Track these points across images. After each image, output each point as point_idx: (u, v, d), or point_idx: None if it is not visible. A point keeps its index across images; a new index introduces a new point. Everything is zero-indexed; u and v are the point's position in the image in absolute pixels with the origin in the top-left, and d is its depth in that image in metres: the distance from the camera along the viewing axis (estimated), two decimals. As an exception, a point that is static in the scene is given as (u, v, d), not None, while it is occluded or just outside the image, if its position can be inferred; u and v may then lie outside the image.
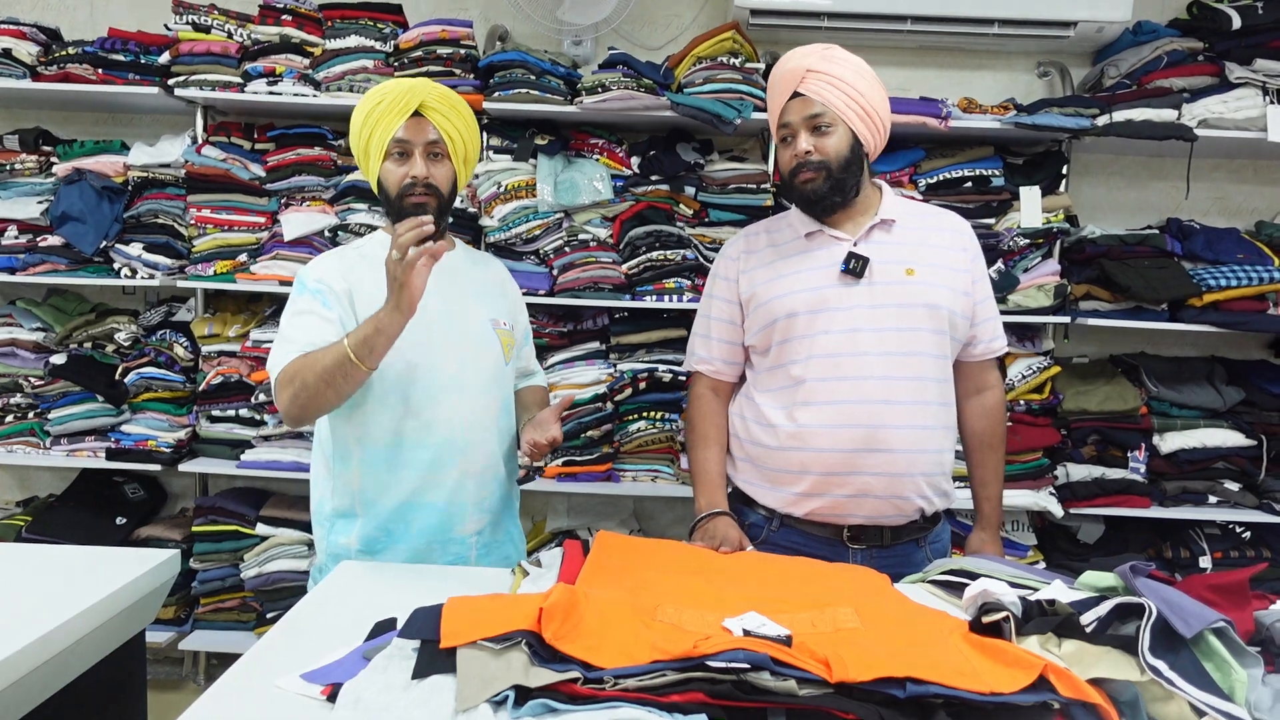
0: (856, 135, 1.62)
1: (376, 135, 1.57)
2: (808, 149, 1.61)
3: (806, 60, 1.61)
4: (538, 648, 0.94)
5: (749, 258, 1.76)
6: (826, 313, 1.63)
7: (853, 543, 1.64)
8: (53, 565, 1.38)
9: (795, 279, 1.67)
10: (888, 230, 1.68)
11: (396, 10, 2.74)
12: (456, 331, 1.64)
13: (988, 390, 1.80)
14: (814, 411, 1.61)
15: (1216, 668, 0.94)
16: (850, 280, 1.63)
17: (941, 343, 1.65)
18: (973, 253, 1.73)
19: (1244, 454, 2.70)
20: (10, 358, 2.85)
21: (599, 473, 2.75)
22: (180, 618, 2.85)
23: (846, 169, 1.62)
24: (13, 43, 2.69)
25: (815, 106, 1.60)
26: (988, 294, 1.74)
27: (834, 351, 1.62)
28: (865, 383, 1.60)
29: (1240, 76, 2.62)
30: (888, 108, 1.66)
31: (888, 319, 1.61)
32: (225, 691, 0.98)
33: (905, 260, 1.65)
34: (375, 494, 1.59)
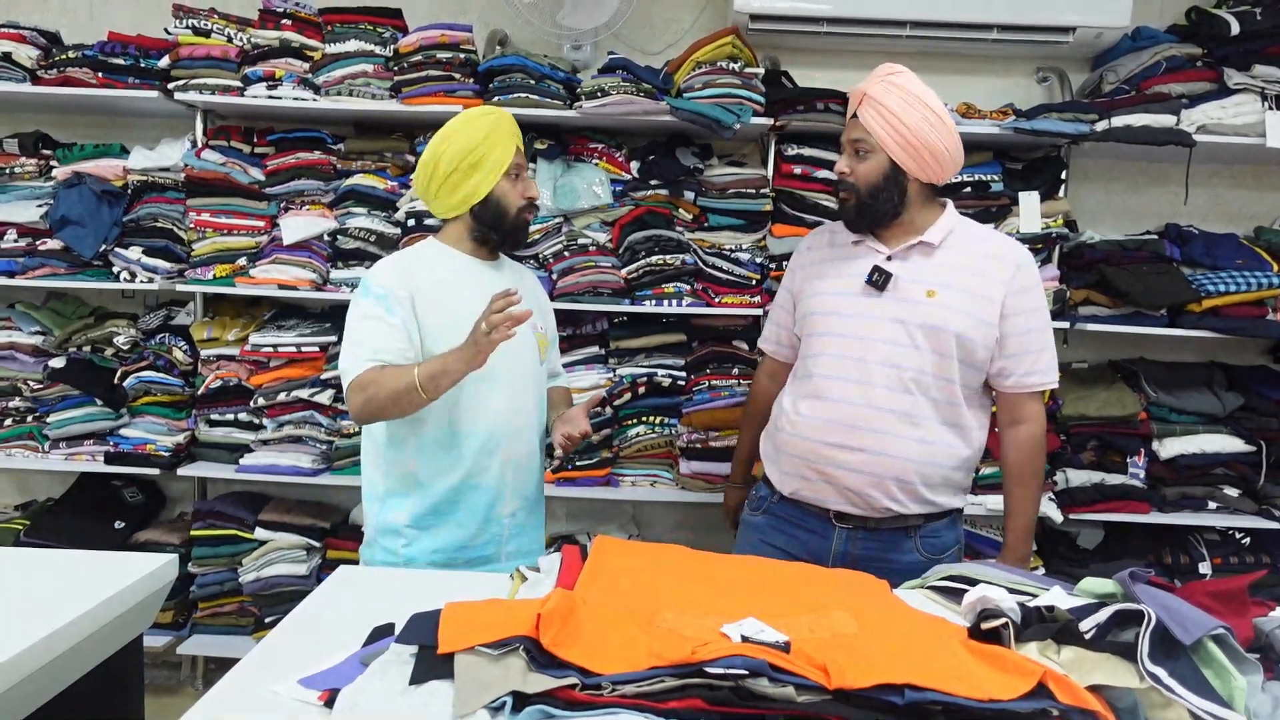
0: (896, 162, 1.70)
1: (496, 154, 1.72)
2: (844, 170, 1.76)
3: (868, 85, 1.72)
4: (535, 653, 0.94)
5: (809, 253, 1.93)
6: (839, 317, 1.76)
7: (839, 522, 1.77)
8: (51, 569, 1.38)
9: (829, 281, 1.82)
10: (927, 251, 1.75)
11: (396, 15, 2.74)
12: None
13: (1023, 424, 1.79)
14: (810, 404, 1.77)
15: (1216, 675, 0.93)
16: (872, 292, 1.74)
17: (945, 365, 1.69)
18: (1016, 285, 1.71)
19: (1243, 460, 2.71)
20: (9, 361, 2.85)
21: (598, 477, 2.75)
22: (178, 622, 2.85)
23: (876, 194, 1.72)
24: (13, 46, 2.70)
25: (859, 131, 1.73)
26: (1030, 328, 1.73)
27: (840, 353, 1.74)
28: (856, 386, 1.71)
29: (1239, 82, 2.63)
30: (943, 138, 1.69)
31: (895, 334, 1.70)
32: (223, 696, 0.97)
33: (932, 282, 1.71)
34: (429, 476, 1.73)
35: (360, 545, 1.85)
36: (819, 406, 1.75)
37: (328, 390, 2.71)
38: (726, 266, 2.70)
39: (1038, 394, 1.78)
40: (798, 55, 2.94)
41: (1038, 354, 1.74)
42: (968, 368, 1.71)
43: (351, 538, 2.81)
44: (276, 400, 2.71)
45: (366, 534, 1.81)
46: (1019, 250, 1.77)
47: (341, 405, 2.75)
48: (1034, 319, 1.73)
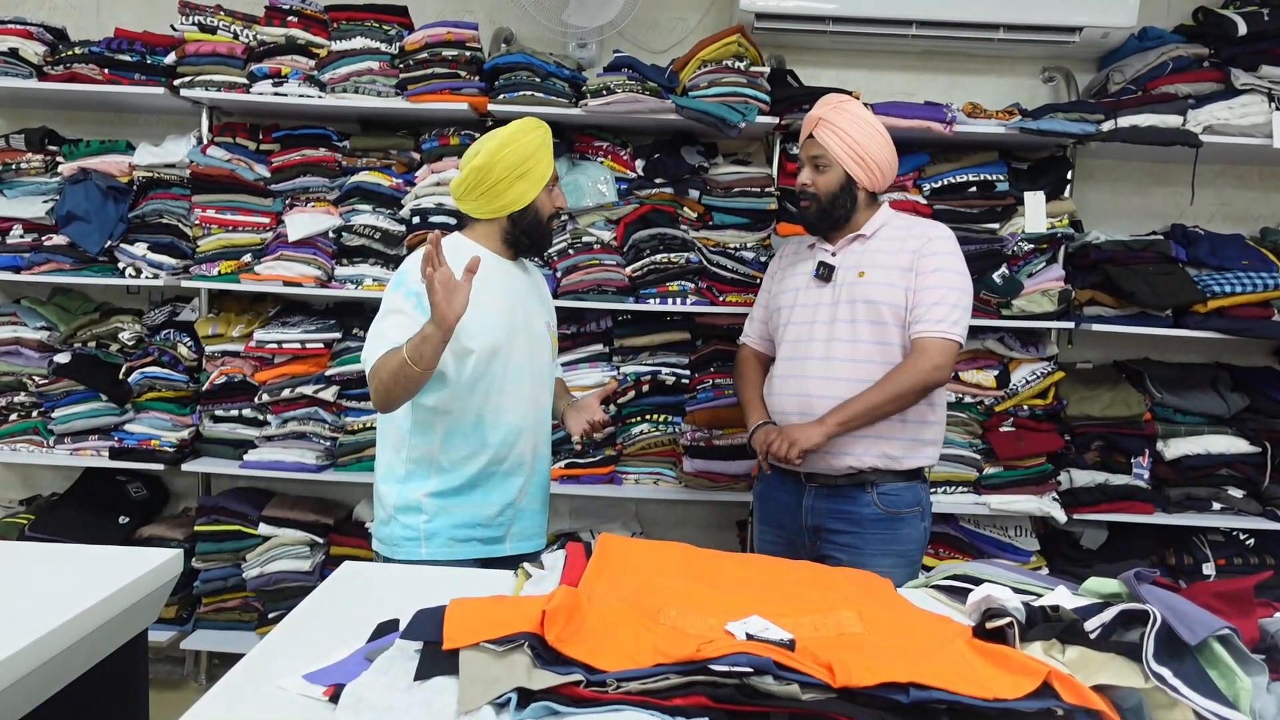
0: (850, 174, 1.99)
1: (542, 167, 1.84)
2: (805, 182, 2.03)
3: (822, 111, 2.00)
4: (540, 650, 0.94)
5: (780, 260, 2.24)
6: (798, 308, 2.08)
7: (808, 481, 2.03)
8: (55, 564, 1.38)
9: (789, 280, 2.14)
10: (862, 242, 2.04)
11: (402, 12, 2.74)
12: (525, 330, 1.90)
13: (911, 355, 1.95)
14: (777, 382, 2.08)
15: (1221, 675, 0.93)
16: (819, 284, 2.05)
17: (882, 331, 1.96)
18: (924, 251, 1.96)
19: (1248, 461, 2.70)
20: (14, 356, 2.85)
21: (601, 475, 2.75)
22: (182, 617, 2.86)
23: (834, 202, 2.01)
24: (19, 42, 2.70)
25: (817, 148, 2.00)
26: (928, 284, 1.94)
27: (796, 338, 2.06)
28: (809, 362, 2.01)
29: (1246, 83, 2.62)
30: (887, 154, 2.00)
31: (838, 314, 2.00)
32: (227, 691, 0.98)
33: (862, 265, 2.01)
34: (453, 462, 1.83)
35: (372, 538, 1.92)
36: (781, 383, 2.06)
37: (332, 387, 2.72)
38: (731, 265, 2.70)
39: (936, 341, 1.92)
40: (803, 54, 2.94)
41: (931, 305, 1.93)
42: (901, 330, 1.96)
43: (355, 534, 2.81)
44: (281, 396, 2.71)
45: (382, 513, 1.88)
46: (935, 226, 2.05)
47: (345, 402, 2.76)
48: (933, 277, 1.94)
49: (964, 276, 1.99)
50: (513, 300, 1.88)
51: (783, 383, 2.06)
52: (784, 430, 1.96)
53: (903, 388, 1.91)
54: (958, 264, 1.99)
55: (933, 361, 1.92)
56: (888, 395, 1.91)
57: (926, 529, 2.05)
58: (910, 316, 1.96)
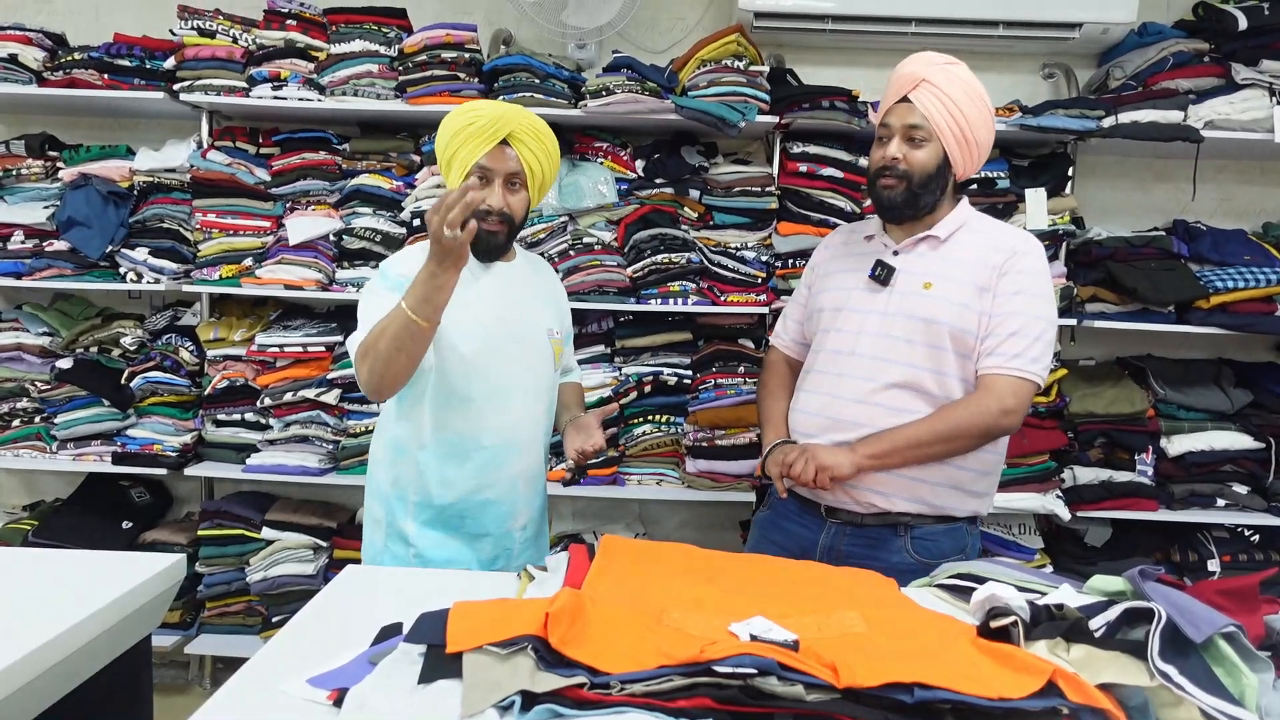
0: (948, 155, 1.65)
1: (461, 155, 1.62)
2: (896, 156, 1.65)
3: (926, 70, 1.64)
4: (544, 652, 0.94)
5: (827, 250, 1.92)
6: (844, 312, 1.74)
7: (830, 517, 1.72)
8: (59, 570, 1.38)
9: (837, 277, 1.81)
10: (933, 245, 1.71)
11: (401, 15, 2.74)
12: (517, 339, 1.72)
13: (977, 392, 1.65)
14: (805, 398, 1.77)
15: (1227, 673, 0.93)
16: (875, 287, 1.71)
17: (939, 357, 1.64)
18: (1006, 268, 1.64)
19: (1252, 457, 2.69)
20: (16, 362, 2.85)
21: (604, 476, 2.75)
22: (186, 621, 2.86)
23: (926, 185, 1.66)
24: (19, 48, 2.70)
25: (916, 117, 1.64)
26: (1013, 311, 1.62)
27: (838, 348, 1.73)
28: (847, 381, 1.69)
29: (1246, 78, 2.62)
30: (990, 135, 1.68)
31: (893, 328, 1.67)
32: (232, 696, 0.97)
33: (930, 274, 1.68)
34: (435, 489, 1.68)
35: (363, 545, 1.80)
36: (811, 401, 1.75)
37: (334, 390, 2.72)
38: (732, 265, 2.70)
39: (1010, 380, 1.61)
40: (803, 53, 2.93)
41: (1007, 336, 1.62)
42: (966, 360, 1.65)
43: (358, 537, 2.79)
44: (283, 400, 2.71)
45: (373, 533, 1.76)
46: (1023, 239, 1.70)
47: (348, 405, 2.75)
48: (1013, 302, 1.63)
49: (1051, 305, 1.67)
50: (508, 301, 1.72)
51: (810, 399, 1.75)
52: (808, 450, 1.63)
53: (959, 428, 1.59)
54: (1046, 288, 1.67)
55: (1002, 404, 1.59)
56: (939, 434, 1.59)
57: None
58: (981, 347, 1.63)
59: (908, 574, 1.44)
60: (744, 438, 2.68)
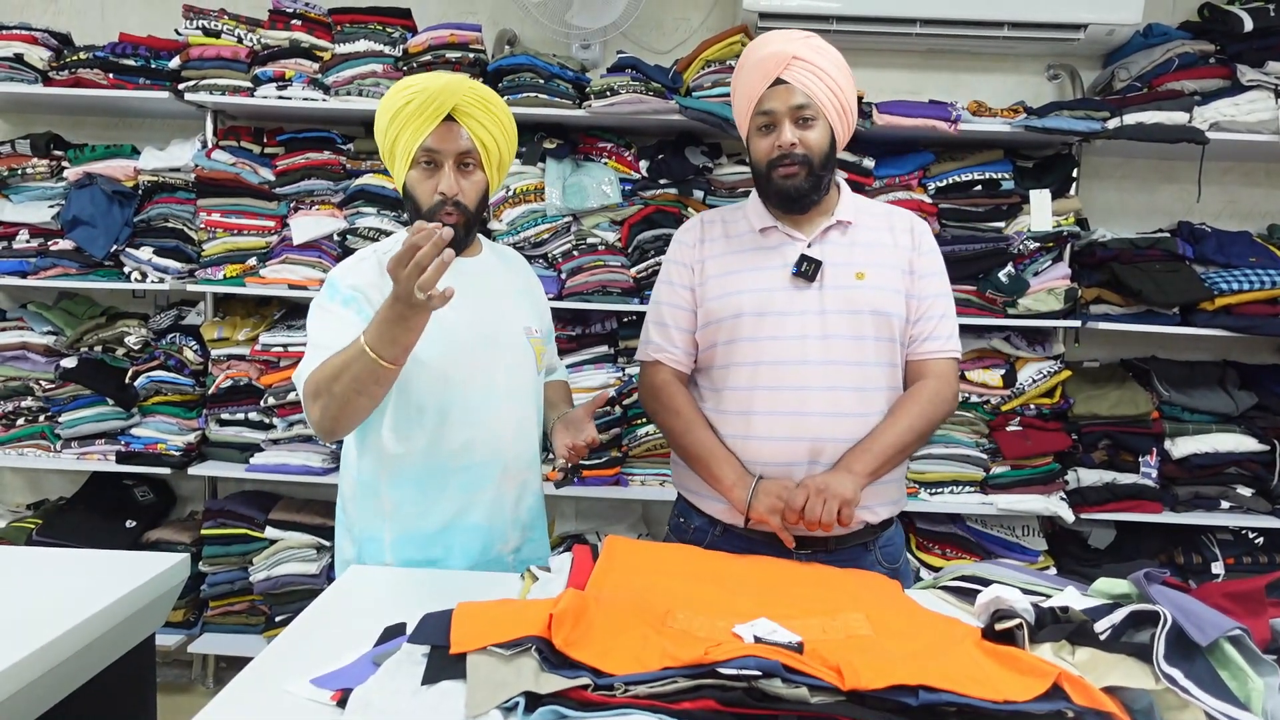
0: (834, 131, 1.56)
1: (404, 140, 1.43)
2: (793, 141, 1.52)
3: (791, 46, 1.52)
4: (548, 653, 0.94)
5: (703, 246, 1.67)
6: (774, 317, 1.55)
7: (799, 548, 1.51)
8: (63, 569, 1.38)
9: (745, 277, 1.60)
10: (843, 231, 1.60)
11: (405, 15, 2.75)
12: (492, 343, 1.53)
13: (923, 378, 1.58)
14: (763, 422, 1.54)
15: (1232, 676, 0.93)
16: (801, 284, 1.55)
17: (890, 350, 1.57)
18: (918, 248, 1.60)
19: (1256, 459, 2.69)
20: (21, 361, 2.86)
21: (607, 476, 2.75)
22: (189, 620, 2.86)
23: (826, 164, 1.56)
24: (25, 48, 2.71)
25: (799, 97, 1.52)
26: (937, 291, 1.60)
27: (780, 359, 1.54)
28: (810, 394, 1.52)
29: (1252, 79, 2.61)
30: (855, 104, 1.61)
31: (836, 326, 1.54)
32: (235, 696, 0.98)
33: (856, 263, 1.57)
34: (410, 518, 1.48)
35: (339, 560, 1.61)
36: (768, 423, 1.53)
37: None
38: (736, 265, 2.69)
39: (949, 363, 1.60)
40: (807, 53, 2.93)
41: (939, 319, 1.59)
42: (901, 347, 1.59)
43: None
44: (286, 400, 2.71)
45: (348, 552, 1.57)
46: (911, 216, 1.66)
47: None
48: (934, 282, 1.60)
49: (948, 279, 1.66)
50: (472, 305, 1.49)
51: (771, 422, 1.53)
52: (822, 486, 1.40)
53: (930, 420, 1.54)
54: (944, 265, 1.65)
55: (952, 388, 1.58)
56: (917, 431, 1.52)
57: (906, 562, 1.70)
58: (914, 330, 1.58)
59: None
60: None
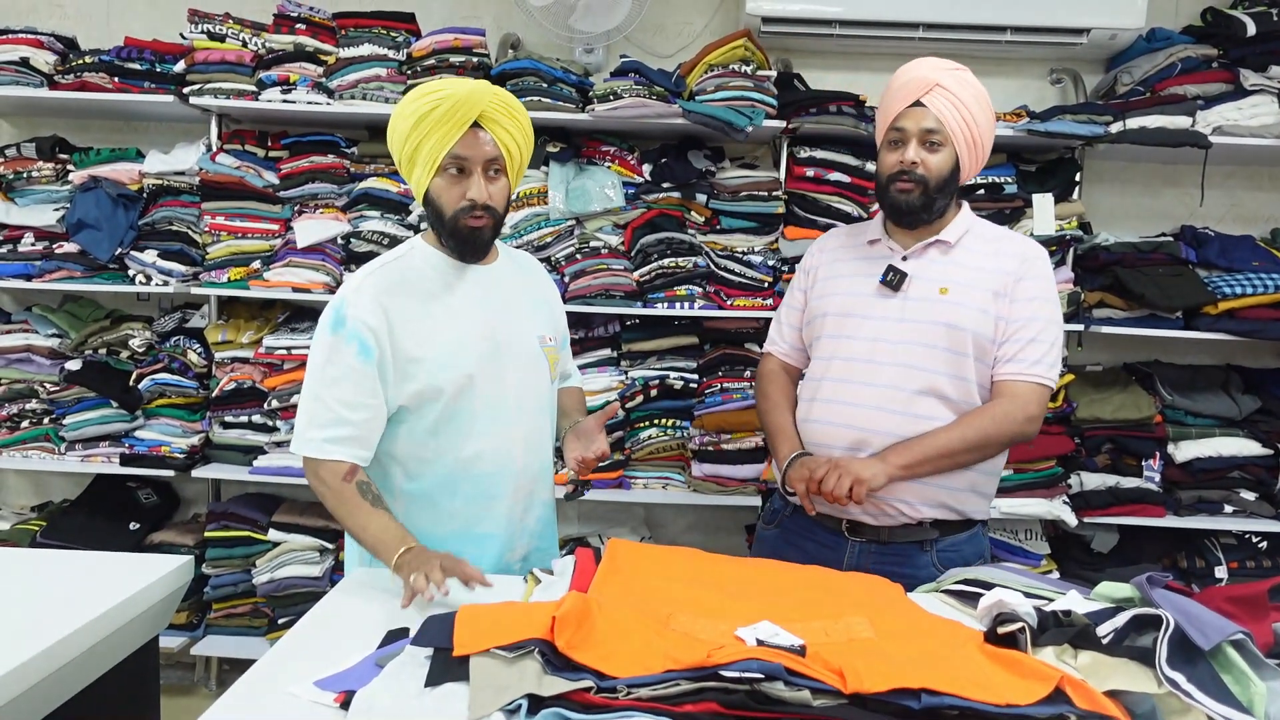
0: (959, 160, 1.66)
1: (428, 147, 1.42)
2: (915, 160, 1.64)
3: (938, 74, 1.64)
4: (551, 656, 0.95)
5: (822, 254, 1.86)
6: (855, 319, 1.70)
7: (852, 535, 1.67)
8: (67, 571, 1.39)
9: (842, 282, 1.76)
10: (943, 250, 1.70)
11: (409, 19, 2.75)
12: (504, 354, 1.53)
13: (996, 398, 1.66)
14: (821, 408, 1.70)
15: (1235, 680, 0.93)
16: (886, 292, 1.68)
17: (961, 364, 1.63)
18: (1020, 274, 1.66)
19: (1260, 463, 2.68)
20: (26, 363, 2.87)
21: (610, 480, 2.75)
22: (192, 623, 2.86)
23: (942, 189, 1.66)
24: (30, 52, 2.72)
25: (932, 121, 1.63)
26: (1031, 317, 1.64)
27: (853, 356, 1.68)
28: (869, 389, 1.64)
29: (1255, 83, 2.61)
30: (992, 140, 1.70)
31: (910, 334, 1.64)
32: (239, 698, 0.98)
33: (944, 279, 1.66)
34: (420, 529, 1.44)
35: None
36: (827, 410, 1.69)
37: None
38: (738, 269, 2.70)
39: (1031, 387, 1.63)
40: (810, 58, 2.93)
41: (1026, 342, 1.63)
42: (983, 366, 1.65)
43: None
44: (290, 402, 2.72)
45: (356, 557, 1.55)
46: (1031, 245, 1.72)
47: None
48: (1029, 307, 1.65)
49: (1059, 309, 1.69)
50: (488, 313, 1.52)
51: (828, 409, 1.69)
52: (840, 463, 1.56)
53: (987, 436, 1.60)
54: (1054, 293, 1.70)
55: (1027, 410, 1.61)
56: (969, 443, 1.59)
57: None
58: (999, 352, 1.64)
59: None
60: (750, 442, 2.68)
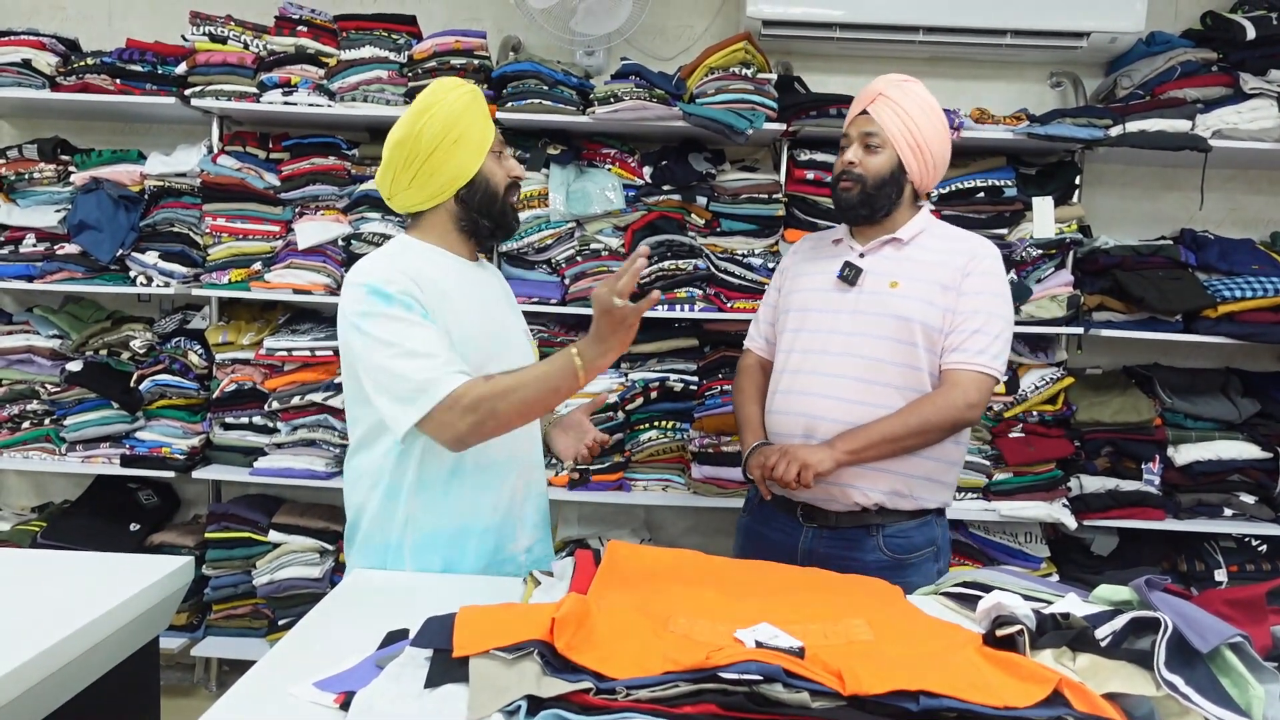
0: (903, 162, 1.78)
1: (478, 129, 1.54)
2: (852, 160, 1.80)
3: (883, 85, 1.79)
4: (550, 658, 0.95)
5: (795, 255, 2.02)
6: (814, 313, 1.83)
7: (805, 521, 1.79)
8: (67, 572, 1.39)
9: (805, 279, 1.90)
10: (897, 247, 1.82)
11: (410, 21, 2.76)
12: (503, 344, 1.59)
13: (941, 386, 1.73)
14: (780, 399, 1.82)
15: (1233, 683, 0.93)
16: (844, 287, 1.81)
17: (909, 353, 1.73)
18: (969, 269, 1.75)
19: (1259, 466, 2.68)
20: (27, 364, 2.87)
21: (610, 482, 2.75)
22: (193, 624, 2.87)
23: (880, 188, 1.78)
24: (32, 53, 2.73)
25: (871, 125, 1.78)
26: (972, 309, 1.72)
27: (808, 348, 1.81)
28: (821, 379, 1.76)
29: (1255, 87, 2.61)
30: (945, 148, 1.82)
31: (863, 326, 1.76)
32: (239, 699, 0.98)
33: (896, 274, 1.78)
34: (430, 521, 1.50)
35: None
36: (788, 401, 1.80)
37: (341, 394, 2.72)
38: (739, 271, 2.70)
39: (974, 375, 1.70)
40: (810, 61, 2.94)
41: (971, 333, 1.72)
42: (933, 355, 1.74)
43: (364, 541, 2.82)
44: (290, 404, 2.72)
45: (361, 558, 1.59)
46: (982, 243, 1.82)
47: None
48: (976, 301, 1.73)
49: (1009, 305, 1.78)
50: (488, 309, 1.60)
51: (785, 399, 1.81)
52: (789, 450, 1.67)
53: (929, 422, 1.68)
54: (1004, 289, 1.78)
55: (967, 398, 1.69)
56: (911, 428, 1.68)
57: (942, 570, 1.79)
58: (946, 343, 1.73)
59: (883, 571, 1.58)
60: (750, 444, 2.68)
